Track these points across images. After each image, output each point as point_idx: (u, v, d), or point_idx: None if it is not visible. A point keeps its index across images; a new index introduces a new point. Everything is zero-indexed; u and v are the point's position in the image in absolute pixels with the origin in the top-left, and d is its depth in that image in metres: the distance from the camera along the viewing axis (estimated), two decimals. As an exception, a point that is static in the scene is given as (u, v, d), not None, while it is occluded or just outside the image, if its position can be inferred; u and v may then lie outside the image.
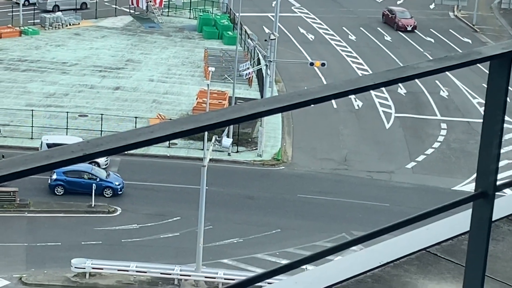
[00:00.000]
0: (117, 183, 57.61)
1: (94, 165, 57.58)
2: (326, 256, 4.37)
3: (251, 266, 48.32)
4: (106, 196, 57.57)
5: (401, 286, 5.24)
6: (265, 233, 54.02)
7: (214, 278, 48.49)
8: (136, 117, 62.32)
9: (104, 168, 57.51)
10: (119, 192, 57.89)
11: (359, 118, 69.23)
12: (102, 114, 63.09)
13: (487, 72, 3.37)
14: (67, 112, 64.12)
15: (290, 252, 47.74)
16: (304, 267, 3.94)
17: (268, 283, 3.92)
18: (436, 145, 67.11)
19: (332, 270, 5.29)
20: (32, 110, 63.58)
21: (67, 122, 62.77)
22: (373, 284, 5.01)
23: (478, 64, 3.64)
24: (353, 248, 4.66)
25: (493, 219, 3.85)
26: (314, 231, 51.51)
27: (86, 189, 56.82)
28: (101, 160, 58.37)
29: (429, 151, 66.17)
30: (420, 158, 65.24)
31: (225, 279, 46.99)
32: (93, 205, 56.80)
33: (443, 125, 69.27)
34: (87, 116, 64.03)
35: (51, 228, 54.41)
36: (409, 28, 78.14)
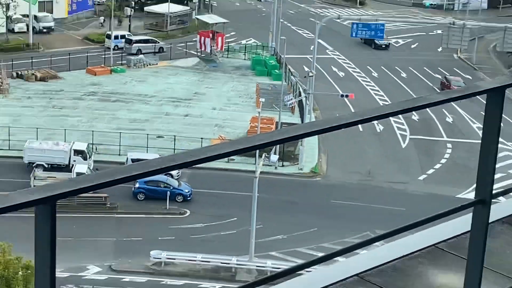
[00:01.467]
0: (186, 191, 57.61)
1: (169, 176, 57.20)
2: (354, 250, 4.32)
3: (293, 258, 48.19)
4: (178, 201, 57.60)
5: (416, 275, 5.19)
6: (305, 231, 54.08)
7: (264, 267, 48.40)
8: (202, 138, 62.47)
9: (176, 179, 57.53)
10: (188, 198, 57.81)
11: (380, 139, 69.08)
12: (175, 136, 63.38)
13: (485, 102, 3.38)
14: (147, 134, 64.47)
15: (325, 247, 47.15)
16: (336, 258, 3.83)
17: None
18: (443, 161, 66.79)
19: (358, 262, 5.22)
20: (120, 132, 64.01)
21: (147, 142, 63.17)
22: (392, 273, 4.98)
23: (477, 96, 3.67)
24: (376, 244, 4.74)
25: (490, 221, 3.85)
26: (344, 230, 51.40)
27: (162, 195, 56.82)
28: (174, 172, 58.39)
29: (437, 166, 65.88)
30: (430, 171, 64.93)
31: (272, 268, 46.94)
32: (167, 208, 56.94)
33: (449, 145, 68.95)
34: (163, 137, 64.27)
35: (134, 226, 54.93)
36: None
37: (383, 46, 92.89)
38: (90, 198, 52.96)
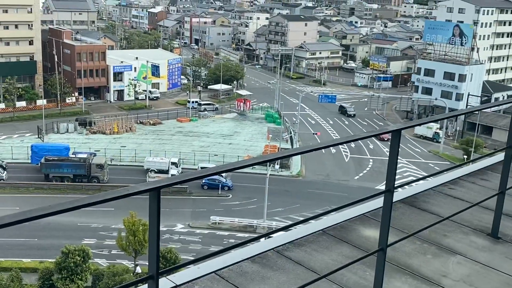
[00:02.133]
0: (230, 184, 57.01)
1: (220, 175, 57.54)
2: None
3: (288, 221, 47.40)
4: (225, 190, 57.05)
5: (353, 230, 4.90)
6: (293, 206, 53.82)
7: (272, 225, 47.91)
8: (238, 156, 62.23)
9: (224, 177, 56.93)
10: (231, 188, 57.28)
11: (334, 157, 68.48)
12: (223, 155, 63.15)
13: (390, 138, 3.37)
14: (209, 153, 64.60)
15: (304, 214, 46.27)
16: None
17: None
18: (368, 169, 66.25)
19: (323, 220, 4.97)
20: (194, 153, 64.08)
21: (209, 158, 63.19)
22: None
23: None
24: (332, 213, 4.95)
25: (393, 201, 3.67)
26: (314, 206, 50.93)
27: (216, 186, 56.50)
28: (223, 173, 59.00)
29: (364, 171, 65.34)
30: (361, 174, 64.29)
31: (275, 226, 46.19)
32: (219, 193, 56.49)
33: (371, 161, 68.27)
34: (217, 155, 63.90)
35: (201, 204, 54.37)
36: (386, 139, 69.14)
37: (352, 115, 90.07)
38: (179, 188, 52.99)
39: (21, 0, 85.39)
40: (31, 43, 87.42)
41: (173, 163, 59.85)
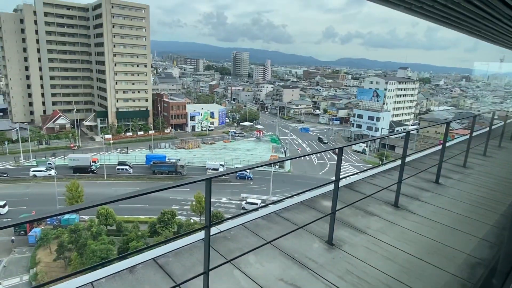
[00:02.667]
0: (251, 176, 55.50)
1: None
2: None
3: (282, 196, 45.84)
4: (248, 179, 55.45)
5: (317, 203, 4.70)
6: (286, 189, 51.66)
7: (273, 200, 46.17)
8: (255, 161, 61.25)
9: (248, 172, 55.59)
10: (251, 178, 55.57)
11: (307, 162, 67.23)
12: (248, 160, 61.81)
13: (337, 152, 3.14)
14: (240, 159, 62.96)
15: (292, 193, 45.36)
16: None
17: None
18: (327, 168, 64.91)
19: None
20: (232, 159, 62.85)
21: (240, 162, 60.90)
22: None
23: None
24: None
25: (339, 187, 3.62)
26: (296, 188, 49.52)
27: (244, 177, 55.41)
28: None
29: (325, 170, 64.12)
30: (323, 171, 63.08)
31: (276, 199, 44.35)
32: (245, 181, 54.88)
33: (328, 164, 66.62)
34: (244, 160, 62.53)
35: (235, 187, 52.40)
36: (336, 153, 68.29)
37: (325, 142, 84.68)
38: (223, 178, 52.36)
39: (141, 78, 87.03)
40: (146, 100, 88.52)
41: (221, 165, 58.95)
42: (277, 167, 61.73)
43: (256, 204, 44.96)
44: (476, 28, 6.60)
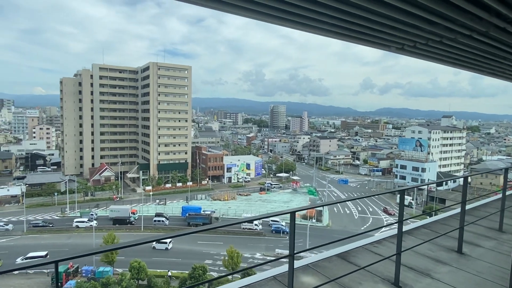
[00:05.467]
0: (287, 229, 52.23)
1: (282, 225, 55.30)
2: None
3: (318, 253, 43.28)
4: (284, 233, 52.45)
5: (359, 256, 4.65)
6: (325, 246, 49.61)
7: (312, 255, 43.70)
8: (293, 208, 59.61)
9: (284, 225, 52.76)
10: (287, 232, 53.13)
11: (348, 216, 63.61)
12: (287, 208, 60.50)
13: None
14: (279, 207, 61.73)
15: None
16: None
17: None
18: (369, 223, 60.65)
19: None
20: (267, 211, 61.31)
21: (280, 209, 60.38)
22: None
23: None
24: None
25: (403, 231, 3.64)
26: (336, 244, 46.72)
27: (279, 231, 52.50)
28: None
29: (367, 224, 59.89)
30: (365, 226, 58.99)
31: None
32: (281, 235, 52.10)
33: (371, 218, 62.80)
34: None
35: (270, 243, 49.60)
36: (392, 213, 64.94)
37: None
38: (258, 232, 50.56)
39: (182, 132, 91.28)
40: (186, 153, 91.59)
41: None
42: (314, 220, 59.40)
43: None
44: (487, 66, 5.98)
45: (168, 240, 47.54)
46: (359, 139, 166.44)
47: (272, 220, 55.07)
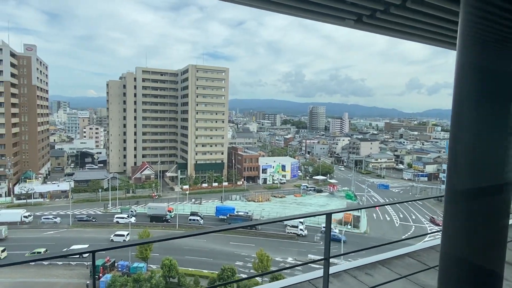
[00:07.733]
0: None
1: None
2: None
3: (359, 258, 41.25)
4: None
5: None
6: (360, 253, 47.27)
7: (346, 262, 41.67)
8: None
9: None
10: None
11: (388, 223, 60.21)
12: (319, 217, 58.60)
13: None
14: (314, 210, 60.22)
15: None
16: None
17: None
18: (412, 231, 56.84)
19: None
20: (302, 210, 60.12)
21: (310, 219, 58.56)
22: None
23: None
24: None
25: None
26: (371, 252, 44.45)
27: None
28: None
29: (409, 233, 56.05)
30: (407, 234, 55.30)
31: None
32: (314, 240, 50.58)
33: (413, 227, 58.82)
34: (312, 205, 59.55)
35: (303, 248, 48.41)
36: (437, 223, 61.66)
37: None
38: (291, 235, 49.39)
39: (219, 132, 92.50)
40: (222, 153, 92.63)
41: (300, 222, 54.64)
42: (349, 226, 56.79)
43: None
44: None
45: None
46: (404, 142, 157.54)
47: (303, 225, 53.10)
